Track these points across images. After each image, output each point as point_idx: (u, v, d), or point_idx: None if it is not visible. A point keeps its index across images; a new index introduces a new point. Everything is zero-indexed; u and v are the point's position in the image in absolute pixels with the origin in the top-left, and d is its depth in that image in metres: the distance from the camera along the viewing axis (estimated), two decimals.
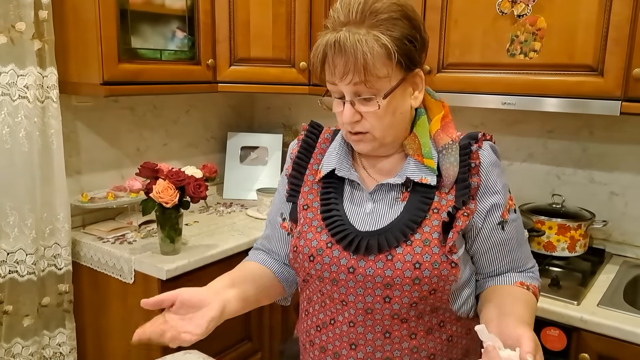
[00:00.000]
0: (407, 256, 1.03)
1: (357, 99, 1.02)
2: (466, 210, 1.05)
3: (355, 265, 1.05)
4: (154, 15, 1.96)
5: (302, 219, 1.14)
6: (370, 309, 1.06)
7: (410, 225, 1.04)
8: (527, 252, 1.20)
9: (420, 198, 1.06)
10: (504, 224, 1.11)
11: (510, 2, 1.70)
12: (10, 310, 1.87)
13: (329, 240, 1.08)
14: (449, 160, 1.06)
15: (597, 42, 1.59)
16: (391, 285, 1.03)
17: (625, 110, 1.58)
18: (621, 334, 1.44)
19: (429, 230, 1.04)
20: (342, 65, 0.98)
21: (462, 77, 1.83)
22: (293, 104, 2.75)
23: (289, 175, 1.19)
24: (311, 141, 1.21)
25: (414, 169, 1.07)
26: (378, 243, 1.04)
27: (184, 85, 2.08)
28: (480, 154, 1.09)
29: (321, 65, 1.02)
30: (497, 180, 1.10)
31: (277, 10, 2.14)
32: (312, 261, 1.09)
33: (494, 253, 1.13)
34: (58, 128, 1.88)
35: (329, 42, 0.99)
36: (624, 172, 1.95)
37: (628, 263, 1.90)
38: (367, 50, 0.96)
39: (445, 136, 1.08)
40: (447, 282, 1.04)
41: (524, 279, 1.16)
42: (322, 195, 1.13)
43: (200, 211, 2.39)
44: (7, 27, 1.74)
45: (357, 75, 0.98)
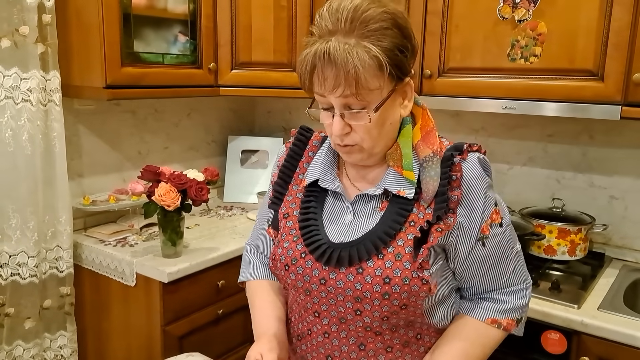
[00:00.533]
0: (378, 270, 1.00)
1: (347, 112, 0.98)
2: (440, 225, 1.01)
3: (326, 277, 1.03)
4: (157, 20, 1.98)
5: (281, 227, 1.13)
6: (343, 319, 1.05)
7: (383, 237, 1.01)
8: (517, 269, 1.13)
9: (397, 209, 1.03)
10: (484, 239, 1.05)
11: (511, 7, 1.71)
12: (11, 312, 1.88)
13: (303, 250, 1.07)
14: (429, 174, 1.02)
15: (598, 47, 1.60)
16: (361, 298, 1.01)
17: (625, 115, 1.59)
18: (621, 338, 1.45)
19: (403, 244, 1.01)
20: (333, 78, 0.94)
21: (462, 82, 1.84)
22: (294, 107, 2.76)
23: (274, 182, 1.18)
24: (298, 149, 1.18)
25: (393, 181, 1.04)
26: (349, 255, 1.02)
27: (186, 89, 2.09)
28: (463, 166, 1.03)
29: (310, 77, 0.97)
30: (479, 193, 1.04)
31: (279, 15, 2.15)
32: (287, 270, 1.08)
33: (474, 269, 1.09)
34: (61, 131, 1.89)
35: (318, 53, 0.94)
36: (624, 176, 1.96)
37: (628, 267, 1.90)
38: (358, 63, 0.92)
39: (426, 148, 1.04)
40: (418, 298, 1.01)
41: (500, 314, 1.11)
42: (302, 204, 1.11)
43: (201, 214, 2.40)
44: (10, 31, 1.75)
45: (348, 88, 0.94)
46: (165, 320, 1.82)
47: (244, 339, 2.11)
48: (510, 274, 1.12)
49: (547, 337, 1.55)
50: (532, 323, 1.56)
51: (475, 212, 1.03)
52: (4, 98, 1.78)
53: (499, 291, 1.12)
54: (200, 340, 1.93)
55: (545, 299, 1.60)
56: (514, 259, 1.12)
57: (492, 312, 1.11)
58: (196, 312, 1.90)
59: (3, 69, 1.76)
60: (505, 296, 1.12)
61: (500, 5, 1.73)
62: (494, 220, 1.06)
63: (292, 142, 1.19)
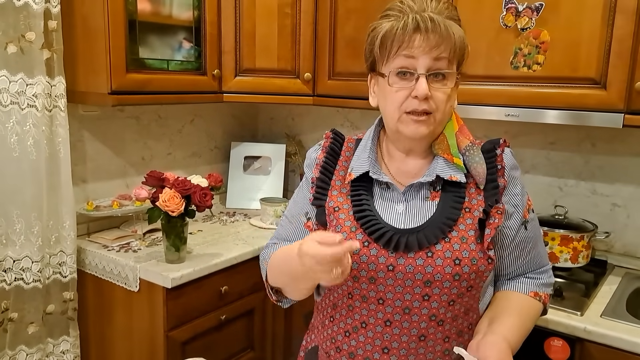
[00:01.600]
0: (447, 252, 1.05)
1: (430, 77, 1.05)
2: (498, 209, 1.09)
3: (394, 263, 1.06)
4: (162, 26, 1.99)
5: (334, 220, 1.14)
6: (408, 308, 1.07)
7: (448, 222, 1.07)
8: (543, 251, 1.25)
9: (453, 197, 1.09)
10: (526, 223, 1.16)
11: (514, 15, 1.72)
12: (15, 317, 1.88)
13: (366, 239, 1.09)
14: (474, 160, 1.10)
15: (600, 56, 1.61)
16: (431, 282, 1.05)
17: (627, 123, 1.60)
18: (625, 345, 1.45)
19: (465, 229, 1.07)
20: (435, 38, 1.03)
21: (466, 89, 1.84)
22: (296, 114, 2.77)
23: (316, 179, 1.19)
24: (336, 148, 1.22)
25: (444, 167, 1.10)
26: (417, 239, 1.06)
27: (190, 95, 2.10)
28: (504, 157, 1.13)
29: (410, 35, 1.03)
30: (519, 182, 1.16)
31: (283, 22, 2.17)
32: None
33: (517, 253, 1.18)
34: (65, 137, 1.90)
35: (421, 17, 1.03)
36: (626, 184, 1.97)
37: (630, 274, 1.91)
38: (457, 32, 1.05)
39: (464, 138, 1.13)
40: (482, 279, 1.08)
41: (539, 287, 1.21)
42: (352, 197, 1.14)
43: (204, 220, 2.40)
44: (17, 37, 1.76)
45: (446, 50, 1.04)
46: (169, 326, 1.82)
47: (247, 344, 2.12)
48: (542, 255, 1.24)
49: (551, 344, 1.56)
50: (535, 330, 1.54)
51: (518, 198, 1.15)
52: (10, 103, 1.79)
53: (535, 270, 1.23)
54: (203, 346, 1.93)
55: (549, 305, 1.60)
56: (542, 241, 1.25)
57: (533, 286, 1.21)
58: (199, 318, 1.90)
59: (9, 75, 1.77)
60: (539, 274, 1.23)
61: (504, 13, 1.74)
62: (530, 206, 1.19)
63: (330, 142, 1.22)
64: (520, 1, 1.70)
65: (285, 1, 2.16)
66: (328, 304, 1.18)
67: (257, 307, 2.11)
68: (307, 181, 1.24)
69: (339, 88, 2.15)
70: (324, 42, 2.16)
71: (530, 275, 1.22)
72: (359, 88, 1.99)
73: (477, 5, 1.78)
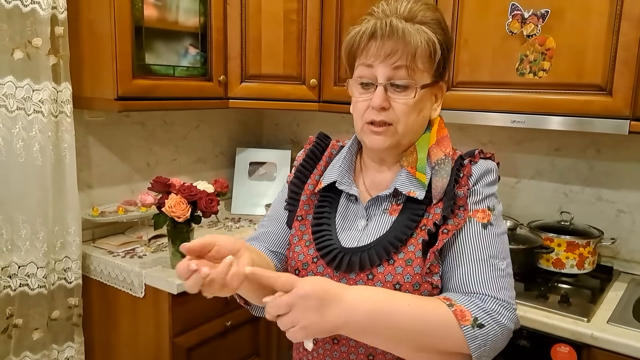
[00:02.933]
0: (388, 276, 0.99)
1: (390, 87, 1.01)
2: (447, 227, 0.99)
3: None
4: (168, 32, 2.00)
5: (294, 229, 1.12)
6: None
7: (394, 242, 1.01)
8: (508, 282, 1.00)
9: (410, 215, 1.03)
10: (488, 225, 1.01)
11: (520, 22, 1.73)
12: (20, 323, 1.88)
13: (315, 255, 1.07)
14: (439, 174, 1.03)
15: (606, 63, 1.61)
16: None
17: (633, 130, 1.60)
18: (632, 351, 1.45)
19: (413, 250, 1.00)
20: (391, 45, 0.99)
21: (471, 96, 1.85)
22: (301, 120, 2.77)
23: (290, 182, 1.17)
24: (317, 152, 1.19)
25: (404, 181, 1.05)
26: (360, 260, 1.01)
27: (196, 101, 2.10)
28: (473, 168, 1.04)
29: (365, 43, 1.00)
30: (484, 190, 1.03)
31: (288, 29, 2.18)
32: (297, 274, 1.07)
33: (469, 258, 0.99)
34: (71, 142, 1.90)
35: (380, 24, 0.99)
36: (631, 191, 1.97)
37: (636, 281, 1.90)
38: (417, 38, 0.98)
39: (439, 151, 1.06)
40: None
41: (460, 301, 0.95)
42: (316, 208, 1.11)
43: (209, 226, 2.40)
44: (23, 43, 1.77)
45: (403, 58, 0.99)
46: (174, 332, 1.82)
47: (252, 351, 2.11)
48: (503, 280, 0.99)
49: (557, 350, 1.55)
50: (542, 336, 1.56)
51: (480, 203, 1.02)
52: (16, 109, 1.79)
53: (486, 291, 0.97)
54: (208, 352, 1.93)
55: (555, 312, 1.60)
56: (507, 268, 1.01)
57: (453, 295, 0.97)
58: (205, 324, 1.90)
59: (15, 80, 1.78)
60: (478, 299, 0.96)
61: (509, 20, 1.74)
62: (489, 217, 1.02)
63: (312, 145, 1.20)
64: (526, 8, 1.71)
65: (291, 8, 2.16)
66: None
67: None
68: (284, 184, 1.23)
69: (344, 94, 2.11)
70: (329, 49, 2.17)
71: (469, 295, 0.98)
72: None
73: (482, 12, 1.79)
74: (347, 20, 2.11)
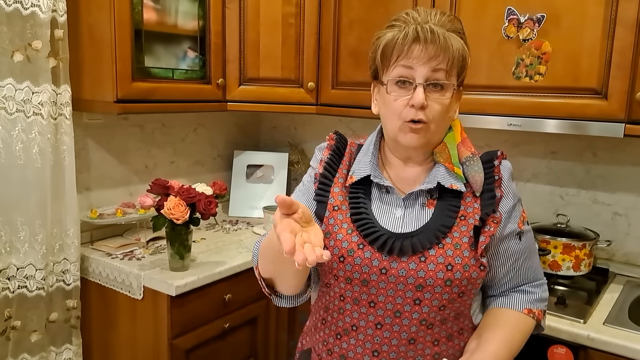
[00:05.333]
0: (440, 258, 1.06)
1: (428, 87, 1.07)
2: (494, 218, 1.10)
3: (387, 267, 1.08)
4: (167, 36, 2.01)
5: (332, 219, 1.15)
6: (399, 312, 1.08)
7: (442, 229, 1.09)
8: (538, 264, 1.24)
9: (448, 205, 1.11)
10: (521, 234, 1.17)
11: (516, 27, 1.75)
12: (18, 325, 1.88)
13: (361, 242, 1.10)
14: (473, 169, 1.13)
15: (601, 67, 1.63)
16: (423, 286, 1.06)
17: (628, 133, 1.61)
18: (628, 352, 1.46)
19: (459, 236, 1.09)
20: (434, 49, 1.04)
21: (468, 99, 1.86)
22: (299, 123, 2.78)
23: (320, 174, 1.21)
24: (339, 150, 1.24)
25: (445, 175, 1.12)
26: (412, 244, 1.07)
27: (195, 104, 2.11)
28: (501, 168, 1.16)
29: (409, 45, 1.05)
30: (515, 194, 1.17)
31: (287, 32, 2.19)
32: (342, 262, 1.10)
33: (511, 264, 1.17)
34: (70, 145, 1.91)
35: (421, 28, 1.04)
36: (627, 193, 1.98)
37: (632, 282, 1.92)
38: (456, 44, 1.06)
39: (465, 150, 1.15)
40: (474, 286, 1.09)
41: (533, 304, 1.19)
42: (351, 199, 1.15)
43: (207, 228, 2.41)
44: (23, 45, 1.78)
45: (444, 62, 1.05)
46: (173, 334, 1.82)
47: (250, 353, 2.12)
48: (537, 268, 1.23)
49: (554, 351, 1.56)
50: (538, 337, 1.56)
51: (513, 209, 1.15)
52: (16, 111, 1.80)
53: (528, 284, 1.21)
54: (207, 354, 1.93)
55: (552, 313, 1.61)
56: (537, 254, 1.23)
57: (526, 302, 1.19)
58: (203, 326, 1.91)
59: (15, 83, 1.78)
60: (534, 288, 1.21)
61: (505, 24, 1.76)
62: (524, 218, 1.19)
63: (335, 142, 1.24)
64: (522, 12, 1.73)
65: (289, 12, 2.18)
66: (320, 307, 1.19)
67: (260, 315, 2.12)
68: (310, 177, 1.25)
69: (342, 97, 2.17)
70: (327, 52, 2.18)
71: (523, 288, 1.21)
72: (361, 97, 2.01)
73: (479, 16, 1.81)
74: (345, 25, 2.13)
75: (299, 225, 0.89)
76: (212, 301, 1.92)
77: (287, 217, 0.89)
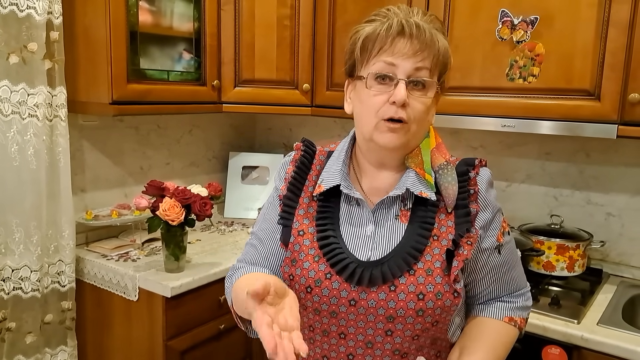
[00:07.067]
0: (411, 286, 0.99)
1: (410, 85, 0.99)
2: (469, 238, 1.02)
3: (356, 298, 1.00)
4: (162, 38, 2.01)
5: (297, 245, 1.07)
6: (370, 343, 1.03)
7: (413, 253, 1.01)
8: (521, 273, 1.18)
9: (421, 223, 1.03)
10: (500, 247, 1.10)
11: (510, 29, 1.76)
12: (13, 327, 1.88)
13: (328, 271, 1.02)
14: (446, 179, 1.04)
15: (594, 68, 1.64)
16: (394, 317, 1.00)
17: (621, 134, 1.63)
18: (621, 352, 1.47)
19: (431, 259, 1.01)
20: (418, 44, 0.98)
21: (462, 100, 1.87)
22: (294, 124, 2.79)
23: (284, 196, 1.12)
24: (307, 162, 1.14)
25: (414, 181, 1.04)
26: (382, 273, 1.00)
27: (190, 106, 2.12)
28: (478, 180, 1.07)
29: (392, 39, 0.98)
30: (493, 205, 1.09)
31: (282, 34, 2.20)
32: (309, 292, 1.03)
33: (490, 277, 1.11)
34: (66, 146, 1.91)
35: (406, 22, 0.98)
36: (620, 194, 2.00)
37: (625, 283, 1.93)
38: (442, 42, 1.01)
39: (439, 156, 1.07)
40: (449, 313, 1.02)
41: (514, 312, 1.14)
42: (317, 220, 1.07)
43: (202, 230, 2.41)
44: (19, 47, 1.78)
45: (428, 59, 0.99)
46: (168, 335, 1.82)
47: (245, 354, 2.12)
48: (518, 277, 1.17)
49: (548, 352, 1.57)
50: (532, 338, 1.58)
51: (491, 222, 1.08)
52: (11, 113, 1.80)
53: (510, 295, 1.16)
54: (202, 356, 1.93)
55: (545, 314, 1.62)
56: (518, 264, 1.18)
57: (507, 311, 1.14)
58: (198, 327, 1.91)
59: (11, 85, 1.79)
60: (515, 298, 1.16)
61: (499, 26, 1.77)
62: (505, 228, 1.12)
63: (301, 155, 1.14)
64: (516, 14, 1.74)
65: (284, 14, 2.19)
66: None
67: None
68: (272, 198, 1.16)
69: (337, 99, 2.17)
70: (322, 54, 2.19)
71: (505, 298, 1.15)
72: None
73: (473, 18, 1.82)
74: (340, 26, 2.14)
75: (274, 307, 0.84)
76: (207, 302, 1.93)
77: (261, 302, 0.84)
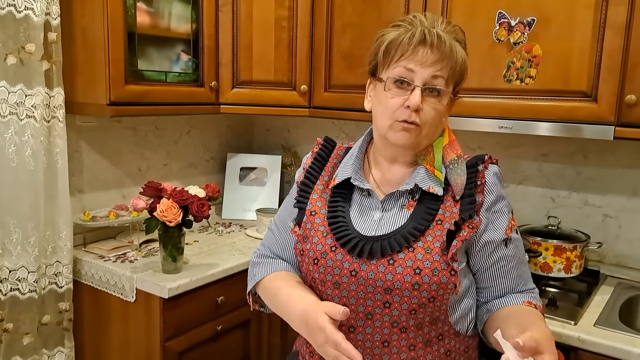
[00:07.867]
0: (408, 261, 1.06)
1: (425, 91, 1.08)
2: (471, 223, 1.09)
3: (357, 269, 1.09)
4: (160, 39, 2.01)
5: (309, 223, 1.18)
6: (370, 314, 1.09)
7: (413, 232, 1.09)
8: (528, 273, 1.24)
9: (425, 209, 1.11)
10: (508, 241, 1.15)
11: (507, 30, 1.76)
12: (10, 328, 1.87)
13: (334, 244, 1.12)
14: (456, 172, 1.13)
15: (591, 69, 1.65)
16: (391, 289, 1.06)
17: (618, 135, 1.63)
18: (618, 354, 1.47)
19: (432, 240, 1.08)
20: (438, 55, 1.06)
21: (460, 102, 1.83)
22: (292, 126, 2.79)
23: (300, 182, 1.24)
24: (324, 155, 1.26)
25: (424, 177, 1.12)
26: (381, 247, 1.08)
27: (188, 107, 2.12)
28: (486, 173, 1.14)
29: (414, 47, 1.06)
30: (500, 199, 1.15)
31: (279, 35, 2.20)
32: (315, 264, 1.13)
33: (497, 269, 1.17)
34: (63, 147, 1.91)
35: (429, 32, 1.05)
36: (617, 195, 2.00)
37: (622, 284, 1.93)
38: (460, 54, 1.09)
39: (451, 152, 1.15)
40: (446, 291, 1.07)
41: (530, 299, 1.18)
42: (330, 203, 1.17)
43: (200, 231, 2.41)
44: (16, 48, 1.78)
45: (445, 69, 1.07)
46: (165, 336, 1.82)
47: (243, 355, 2.12)
48: (527, 277, 1.23)
49: None
50: None
51: (498, 215, 1.14)
52: (9, 114, 1.80)
53: (521, 292, 1.21)
54: (199, 357, 1.93)
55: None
56: (525, 264, 1.23)
57: (523, 297, 1.18)
58: (196, 328, 1.91)
59: (8, 86, 1.78)
60: (527, 292, 1.21)
61: (496, 28, 1.77)
62: (513, 226, 1.18)
63: (319, 148, 1.27)
64: (513, 16, 1.74)
65: (282, 15, 2.19)
66: None
67: (253, 318, 2.12)
68: (294, 184, 1.29)
69: (334, 100, 2.18)
70: (320, 55, 2.19)
71: (515, 293, 1.20)
72: (354, 100, 2.02)
73: (470, 20, 1.82)
74: (338, 28, 2.14)
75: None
76: (204, 303, 1.92)
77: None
